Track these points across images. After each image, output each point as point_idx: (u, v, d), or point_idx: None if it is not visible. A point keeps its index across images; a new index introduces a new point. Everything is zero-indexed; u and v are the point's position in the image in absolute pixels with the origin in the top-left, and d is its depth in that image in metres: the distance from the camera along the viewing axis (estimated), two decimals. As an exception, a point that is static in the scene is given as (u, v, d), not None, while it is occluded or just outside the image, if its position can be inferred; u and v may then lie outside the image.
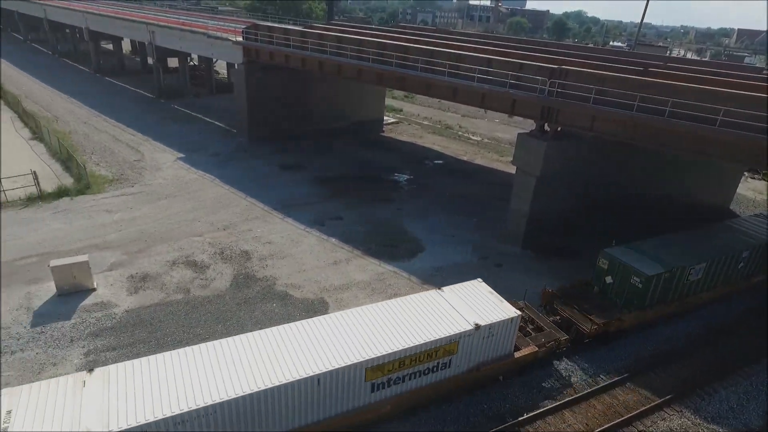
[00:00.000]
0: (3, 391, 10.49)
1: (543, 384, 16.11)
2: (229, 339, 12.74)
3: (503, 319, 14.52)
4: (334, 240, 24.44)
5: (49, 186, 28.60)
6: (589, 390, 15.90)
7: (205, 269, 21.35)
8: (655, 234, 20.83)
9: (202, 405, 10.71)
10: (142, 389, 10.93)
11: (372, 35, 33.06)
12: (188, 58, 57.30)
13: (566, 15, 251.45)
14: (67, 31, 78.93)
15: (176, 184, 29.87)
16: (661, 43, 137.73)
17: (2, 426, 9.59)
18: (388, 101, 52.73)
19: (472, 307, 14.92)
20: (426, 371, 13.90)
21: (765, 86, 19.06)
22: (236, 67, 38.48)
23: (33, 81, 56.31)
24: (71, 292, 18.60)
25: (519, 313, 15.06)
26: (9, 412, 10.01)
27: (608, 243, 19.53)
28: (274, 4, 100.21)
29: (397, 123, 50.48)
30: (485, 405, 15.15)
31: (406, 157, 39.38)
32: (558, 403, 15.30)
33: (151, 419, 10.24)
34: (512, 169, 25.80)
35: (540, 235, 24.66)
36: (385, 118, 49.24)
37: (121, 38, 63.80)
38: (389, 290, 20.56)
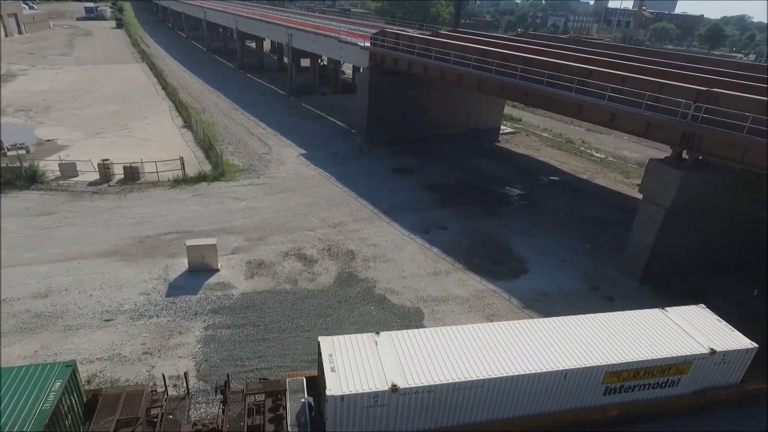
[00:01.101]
0: (319, 338, 13.48)
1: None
2: (486, 325, 14.74)
3: (739, 348, 14.70)
4: (436, 250, 24.49)
5: (191, 170, 32.46)
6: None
7: (313, 263, 22.72)
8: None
9: (474, 378, 12.73)
10: (423, 355, 13.19)
11: (496, 45, 32.39)
12: (319, 59, 61.18)
13: (725, 20, 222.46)
14: (220, 30, 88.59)
15: (296, 179, 32.11)
16: None
17: (329, 365, 12.50)
18: (507, 110, 51.29)
19: (702, 331, 15.20)
20: (655, 385, 14.62)
21: None
22: (361, 70, 40.14)
23: (189, 74, 64.20)
24: (200, 270, 20.99)
25: (755, 345, 14.95)
26: (330, 355, 12.84)
27: (749, 291, 17.07)
28: (403, 6, 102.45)
29: (514, 133, 48.89)
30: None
31: (520, 170, 38.00)
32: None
33: (437, 382, 12.47)
34: (638, 194, 23.63)
35: (662, 271, 22.30)
36: (502, 127, 48.02)
37: (263, 38, 69.95)
38: (487, 310, 20.10)
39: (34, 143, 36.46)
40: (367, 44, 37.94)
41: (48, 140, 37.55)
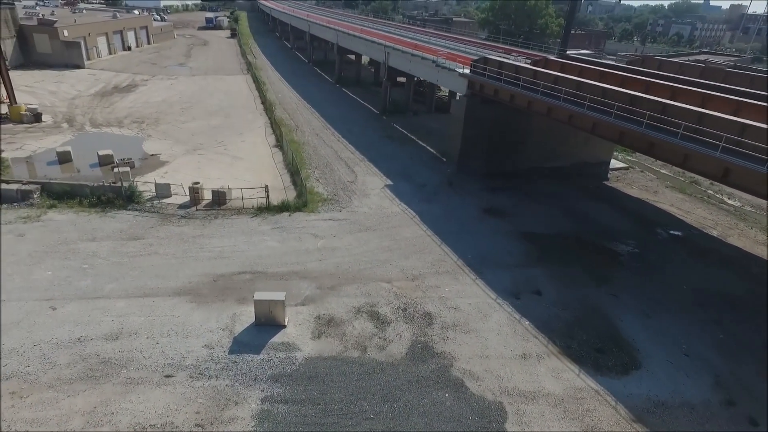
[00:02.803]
0: None
1: None
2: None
3: None
4: (527, 323, 21.19)
5: (276, 197, 32.00)
6: None
7: (386, 326, 20.59)
8: None
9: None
10: None
11: (617, 79, 28.04)
12: (415, 76, 59.31)
13: None
14: (322, 42, 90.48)
15: (378, 216, 30.29)
16: None
17: None
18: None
19: None
20: None
21: None
22: (457, 97, 37.47)
23: (288, 87, 65.68)
24: (266, 324, 19.78)
25: None
26: None
27: None
28: (508, 18, 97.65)
29: (626, 169, 43.24)
30: None
31: (632, 218, 32.97)
32: None
33: None
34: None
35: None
36: (612, 161, 42.64)
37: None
38: (587, 418, 16.56)
39: (140, 158, 38.52)
40: (466, 71, 35.18)
41: (152, 155, 39.49)
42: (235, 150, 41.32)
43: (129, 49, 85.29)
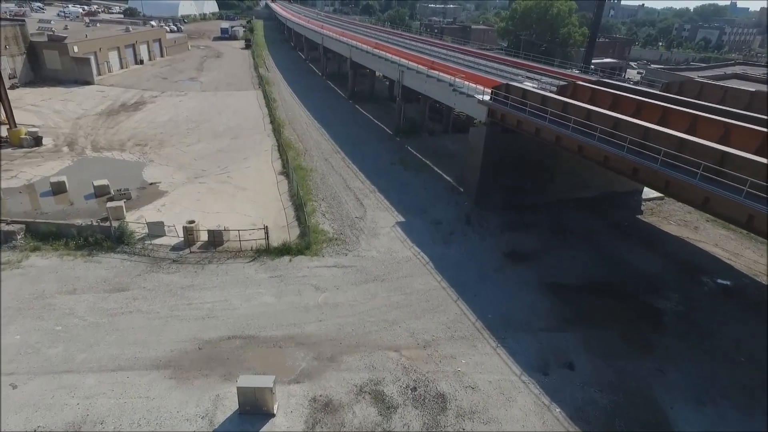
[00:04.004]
0: None
1: None
2: None
3: None
4: (558, 411, 18.01)
5: (277, 236, 29.40)
6: None
7: (392, 413, 17.64)
8: None
9: None
10: None
11: (664, 112, 24.72)
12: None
13: None
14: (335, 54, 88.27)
15: (388, 262, 27.37)
16: None
17: None
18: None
19: None
20: None
21: None
22: (475, 123, 34.41)
23: (299, 105, 63.36)
24: (252, 413, 17.01)
25: None
26: None
27: None
28: (529, 28, 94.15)
29: (661, 199, 39.47)
30: None
31: (671, 262, 29.45)
32: None
33: None
34: None
35: None
36: (645, 188, 38.99)
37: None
38: None
39: (138, 187, 36.38)
40: (486, 97, 32.13)
41: (152, 183, 37.32)
42: (239, 178, 38.90)
43: (141, 62, 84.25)
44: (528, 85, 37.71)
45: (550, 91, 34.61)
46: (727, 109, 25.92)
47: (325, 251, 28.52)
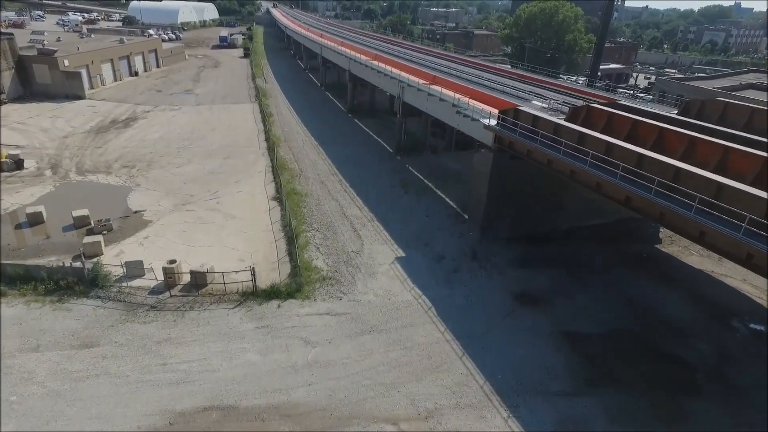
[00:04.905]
0: None
1: None
2: None
3: None
4: (582, 507, 15.50)
5: (267, 276, 27.08)
6: None
7: None
8: None
9: None
10: None
11: (671, 136, 22.21)
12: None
13: None
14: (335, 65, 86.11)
15: (385, 308, 24.89)
16: None
17: None
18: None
19: None
20: None
21: None
22: (482, 150, 31.94)
23: (296, 120, 61.02)
24: None
25: None
26: None
27: None
28: (533, 35, 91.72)
29: (681, 224, 36.86)
30: None
31: (696, 302, 26.90)
32: None
33: None
34: None
35: None
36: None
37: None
38: None
39: (121, 216, 34.12)
40: (493, 122, 29.69)
41: (136, 212, 35.02)
42: (229, 204, 36.54)
43: (136, 74, 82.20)
44: (537, 104, 35.31)
45: (562, 112, 32.22)
46: (761, 139, 23.39)
47: (318, 293, 26.10)
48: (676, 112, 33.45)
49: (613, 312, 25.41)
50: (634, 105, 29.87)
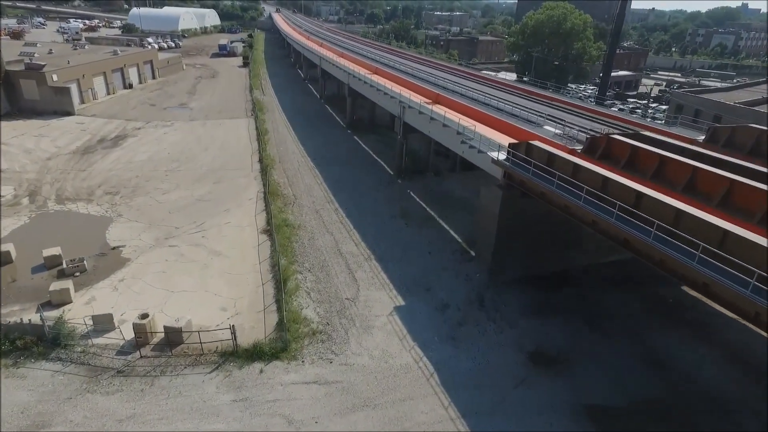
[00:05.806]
0: None
1: None
2: None
3: None
4: None
5: (250, 327, 24.34)
6: None
7: None
8: None
9: None
10: None
11: (704, 176, 19.20)
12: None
13: None
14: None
15: (381, 375, 21.91)
16: None
17: None
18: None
19: None
20: None
21: None
22: (490, 186, 29.00)
23: (293, 138, 58.19)
24: None
25: None
26: None
27: None
28: (541, 44, 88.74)
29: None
30: None
31: (737, 362, 23.79)
32: None
33: None
34: None
35: None
36: (687, 247, 33.32)
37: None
38: None
39: (97, 253, 31.41)
40: (502, 156, 26.75)
41: (114, 248, 32.30)
42: (216, 239, 33.74)
43: (131, 86, 79.78)
44: (549, 131, 32.38)
45: (578, 141, 29.28)
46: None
47: (307, 352, 23.21)
48: (703, 138, 30.49)
49: (641, 378, 22.32)
50: (658, 136, 26.79)
